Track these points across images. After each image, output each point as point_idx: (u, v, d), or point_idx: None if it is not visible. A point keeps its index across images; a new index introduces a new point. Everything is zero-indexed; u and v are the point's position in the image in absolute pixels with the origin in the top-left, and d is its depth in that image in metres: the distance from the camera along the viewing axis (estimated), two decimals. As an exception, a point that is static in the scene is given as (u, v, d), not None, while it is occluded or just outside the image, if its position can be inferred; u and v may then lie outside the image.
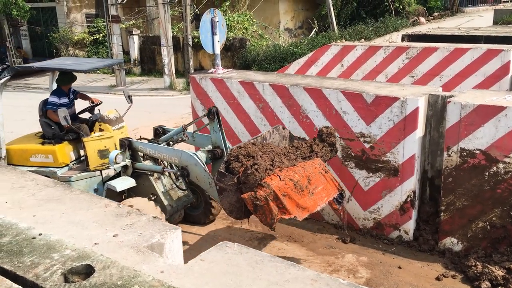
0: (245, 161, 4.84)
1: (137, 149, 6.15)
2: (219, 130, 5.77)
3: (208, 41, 7.58)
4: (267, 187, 4.55)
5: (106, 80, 20.84)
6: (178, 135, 6.19)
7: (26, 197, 3.18)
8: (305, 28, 22.70)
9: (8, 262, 2.05)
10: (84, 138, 6.52)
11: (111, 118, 6.94)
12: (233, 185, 4.76)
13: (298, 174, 4.88)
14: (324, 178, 5.17)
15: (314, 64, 10.80)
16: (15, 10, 20.55)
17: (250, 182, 4.60)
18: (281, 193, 4.59)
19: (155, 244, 2.64)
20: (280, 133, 5.63)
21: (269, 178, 4.63)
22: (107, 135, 6.65)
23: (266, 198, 4.51)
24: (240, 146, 5.09)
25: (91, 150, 6.46)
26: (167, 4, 17.44)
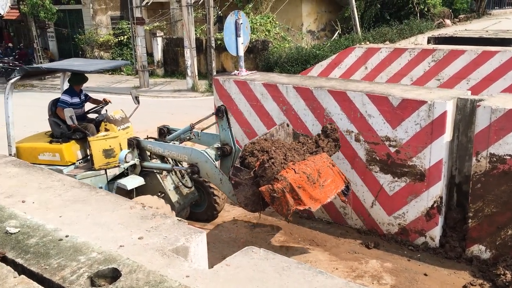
0: (260, 156, 5.01)
1: (145, 148, 6.28)
2: (228, 128, 5.90)
3: (232, 43, 7.57)
4: (284, 179, 4.77)
5: (130, 82, 21.07)
6: (186, 133, 6.32)
7: (52, 198, 3.20)
8: (328, 30, 22.57)
9: (35, 264, 2.06)
10: (90, 138, 6.68)
11: (117, 119, 7.06)
12: (249, 179, 4.96)
13: (310, 167, 5.11)
14: (332, 171, 5.40)
15: (337, 66, 10.69)
16: (42, 12, 20.94)
17: (268, 175, 4.81)
18: (296, 185, 4.81)
19: (180, 247, 2.61)
20: (285, 130, 5.84)
21: (284, 171, 4.85)
22: (112, 135, 6.81)
23: (283, 190, 4.74)
24: (253, 142, 5.27)
25: (96, 149, 6.62)
26: (190, 6, 17.53)
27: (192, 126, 6.24)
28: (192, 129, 6.24)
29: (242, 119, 7.30)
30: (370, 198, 6.27)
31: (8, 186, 3.38)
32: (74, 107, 6.91)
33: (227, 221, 6.94)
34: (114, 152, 6.71)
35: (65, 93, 7.16)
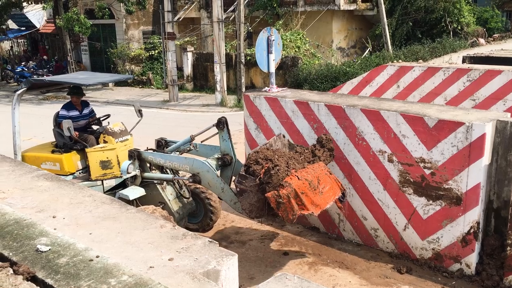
0: (264, 164, 5.20)
1: (146, 159, 6.44)
2: (228, 139, 6.12)
3: (264, 60, 7.53)
4: (289, 186, 4.97)
5: (159, 95, 21.32)
6: (185, 145, 6.55)
7: (83, 214, 3.16)
8: (358, 47, 22.43)
9: (65, 285, 2.00)
10: (87, 149, 6.98)
11: (115, 131, 7.28)
12: (254, 186, 5.15)
13: (310, 175, 5.32)
14: (329, 179, 5.61)
15: (368, 84, 10.55)
16: (77, 26, 21.46)
17: (274, 182, 5.00)
18: (300, 191, 5.02)
19: (211, 271, 2.52)
20: (282, 141, 6.06)
21: (289, 178, 5.05)
22: (109, 146, 7.04)
23: (288, 196, 4.94)
24: (256, 151, 5.45)
25: (94, 160, 6.88)
26: (221, 22, 17.69)
27: (192, 137, 6.44)
28: (192, 140, 6.46)
29: (271, 136, 7.21)
30: (403, 221, 6.07)
31: (39, 201, 3.37)
32: (73, 120, 7.20)
33: (255, 239, 6.83)
34: (111, 163, 6.94)
35: (62, 107, 7.57)
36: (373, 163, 6.21)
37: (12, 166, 4.26)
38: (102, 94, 22.37)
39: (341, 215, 6.71)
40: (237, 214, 7.64)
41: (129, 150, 6.54)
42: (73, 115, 7.46)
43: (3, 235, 2.50)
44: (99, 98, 21.05)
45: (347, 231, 6.70)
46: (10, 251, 2.32)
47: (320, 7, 20.47)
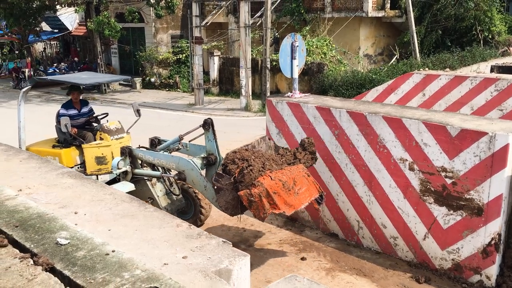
0: (240, 163, 5.42)
1: (137, 156, 6.69)
2: (214, 139, 6.32)
3: (287, 65, 7.59)
4: (260, 185, 5.16)
5: (185, 99, 21.58)
6: (174, 144, 6.78)
7: (103, 211, 3.27)
8: (385, 54, 22.25)
9: (81, 277, 2.09)
10: (84, 145, 7.42)
11: (111, 129, 7.72)
12: (229, 184, 5.36)
13: (286, 176, 5.50)
14: (307, 180, 5.76)
15: (393, 92, 10.48)
16: (107, 29, 21.95)
17: (246, 181, 5.21)
18: (272, 191, 5.19)
19: (223, 270, 2.59)
20: (267, 143, 6.29)
21: (262, 177, 5.25)
22: (104, 143, 7.48)
23: (260, 195, 5.12)
24: (235, 151, 5.67)
25: (89, 156, 7.31)
26: (248, 27, 17.83)
27: (181, 137, 6.68)
28: (181, 140, 6.70)
29: (293, 142, 7.26)
30: (423, 230, 6.02)
31: (63, 197, 3.50)
32: (72, 118, 7.75)
33: (273, 243, 6.86)
34: (106, 159, 7.33)
35: (62, 106, 8.10)
36: (393, 171, 6.18)
37: (38, 163, 4.42)
38: (130, 96, 22.78)
39: (360, 222, 6.69)
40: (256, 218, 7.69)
41: (121, 147, 6.82)
42: (72, 114, 7.94)
43: (26, 228, 2.62)
44: (127, 100, 21.44)
45: (366, 238, 6.67)
46: (32, 243, 2.43)
47: (348, 14, 20.40)
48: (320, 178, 7.02)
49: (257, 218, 5.33)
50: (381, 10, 20.76)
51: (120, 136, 7.75)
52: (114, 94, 23.72)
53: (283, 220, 7.61)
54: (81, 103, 8.21)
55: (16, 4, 22.63)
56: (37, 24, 27.54)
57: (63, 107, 8.05)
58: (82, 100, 8.33)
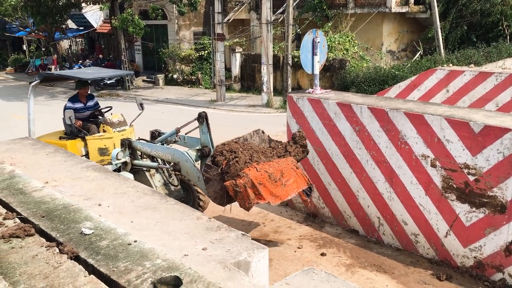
0: (228, 155, 5.61)
1: (136, 148, 6.98)
2: (207, 132, 6.48)
3: (308, 61, 7.58)
4: (245, 176, 5.37)
5: (207, 95, 21.73)
6: (172, 137, 7.01)
7: (126, 203, 3.35)
8: (409, 50, 21.97)
9: (105, 265, 2.16)
10: (87, 137, 7.82)
11: (114, 122, 8.06)
12: (217, 175, 5.56)
13: (273, 167, 5.69)
14: (295, 172, 5.94)
15: (416, 88, 10.38)
16: (131, 27, 22.22)
17: (231, 172, 5.42)
18: (257, 181, 5.39)
19: (241, 261, 2.63)
20: (260, 136, 6.47)
21: (247, 169, 5.46)
22: (107, 135, 7.85)
23: (245, 186, 5.33)
24: (224, 143, 5.84)
25: (92, 147, 7.69)
26: (270, 24, 17.83)
27: (178, 130, 6.92)
28: (178, 132, 6.93)
29: (313, 138, 7.27)
30: (444, 227, 5.96)
31: (87, 189, 3.60)
32: (77, 111, 8.19)
33: (293, 239, 6.89)
34: (108, 151, 7.63)
35: (68, 99, 8.50)
36: (415, 168, 6.13)
37: (64, 157, 4.54)
38: (153, 93, 23.04)
39: (381, 219, 6.66)
40: (276, 214, 7.73)
41: (121, 139, 7.14)
42: (78, 107, 8.33)
43: (52, 218, 2.71)
44: (149, 97, 21.70)
45: (386, 235, 6.65)
46: (57, 233, 2.52)
47: (371, 9, 20.21)
48: (340, 174, 7.02)
49: (243, 208, 5.49)
50: (404, 5, 20.50)
51: (122, 128, 8.08)
52: (137, 91, 24.02)
53: (303, 216, 7.64)
54: (87, 97, 8.58)
55: (43, 2, 23.08)
56: (63, 22, 28.04)
57: (69, 101, 8.43)
58: (89, 94, 8.70)
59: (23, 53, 36.16)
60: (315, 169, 7.40)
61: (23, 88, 24.07)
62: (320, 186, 7.37)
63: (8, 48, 38.56)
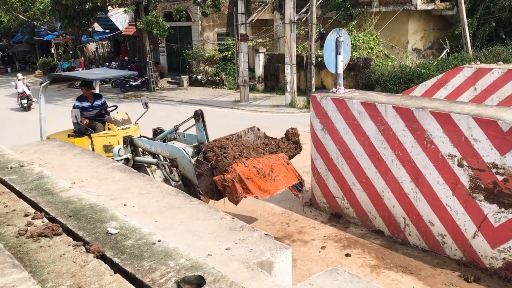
0: (218, 151, 5.80)
1: (137, 145, 7.27)
2: (203, 129, 6.79)
3: (331, 61, 7.54)
4: (233, 171, 5.57)
5: (231, 96, 21.81)
6: (171, 134, 7.39)
7: (150, 203, 3.40)
8: (435, 48, 21.61)
9: (130, 264, 2.19)
10: (93, 134, 8.21)
11: (118, 120, 8.46)
12: (207, 170, 5.77)
13: (262, 163, 5.87)
14: (285, 168, 6.10)
15: (443, 86, 10.19)
16: (156, 29, 22.48)
17: (220, 167, 5.63)
18: (245, 176, 5.56)
19: (265, 261, 2.64)
20: (255, 133, 6.68)
21: (235, 164, 5.64)
22: (111, 133, 8.25)
23: (233, 180, 5.52)
24: (216, 140, 6.07)
25: (97, 144, 8.04)
26: (293, 23, 17.79)
27: (176, 127, 7.25)
28: (177, 130, 7.30)
29: (337, 137, 7.22)
30: (472, 228, 5.85)
31: (113, 190, 3.66)
32: (85, 110, 8.65)
33: (317, 239, 6.86)
34: (113, 147, 7.87)
35: (77, 99, 8.93)
36: (441, 167, 6.03)
37: (91, 158, 4.63)
38: (177, 94, 23.26)
39: (407, 219, 6.58)
40: (300, 214, 7.71)
41: (123, 136, 7.43)
42: (85, 106, 8.76)
43: (79, 218, 2.77)
44: (174, 98, 21.91)
45: (412, 236, 6.55)
46: (84, 232, 2.57)
47: (396, 7, 19.95)
48: (365, 174, 6.96)
49: (231, 202, 5.67)
50: (431, 2, 20.17)
51: (126, 126, 8.44)
52: (162, 92, 24.29)
53: (327, 216, 7.60)
54: (94, 97, 8.99)
55: (70, 6, 23.56)
56: (90, 25, 28.57)
57: (77, 100, 8.85)
58: (95, 93, 9.14)
59: (51, 56, 36.99)
60: (339, 169, 7.35)
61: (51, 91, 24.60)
62: (345, 186, 7.32)
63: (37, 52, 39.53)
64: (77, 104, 8.76)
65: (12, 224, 2.76)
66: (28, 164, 3.92)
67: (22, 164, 3.88)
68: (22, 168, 3.78)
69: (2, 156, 4.16)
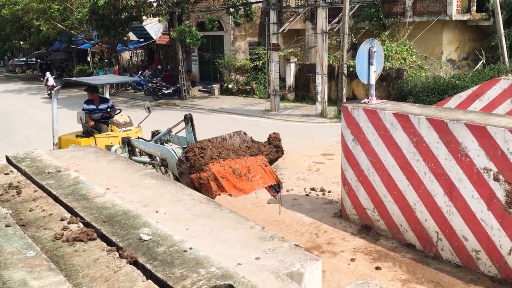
0: (197, 151, 6.14)
1: (134, 145, 7.82)
2: (192, 132, 7.25)
3: (364, 71, 7.49)
4: (208, 170, 5.91)
5: (261, 105, 21.88)
6: (165, 136, 7.84)
7: (182, 211, 3.43)
8: (470, 59, 21.17)
9: (161, 271, 2.22)
10: (96, 135, 8.90)
11: (120, 122, 9.20)
12: (187, 168, 6.11)
13: (239, 164, 6.17)
14: (263, 170, 6.37)
15: (478, 98, 9.96)
16: (189, 38, 22.81)
17: (196, 166, 5.99)
18: (220, 175, 5.88)
19: (294, 272, 2.62)
20: (242, 137, 7.01)
21: (211, 164, 5.98)
22: (113, 134, 8.89)
23: (208, 178, 5.85)
24: (198, 141, 6.49)
25: (100, 144, 8.45)
26: (325, 33, 17.76)
27: (170, 130, 7.71)
28: (170, 132, 7.77)
29: (369, 148, 7.15)
30: (508, 244, 5.67)
31: (145, 196, 3.72)
32: (92, 112, 9.48)
33: (347, 251, 6.78)
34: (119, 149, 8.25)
35: (84, 103, 9.74)
36: (476, 181, 5.89)
37: (124, 164, 4.72)
38: (208, 102, 23.50)
39: (439, 234, 6.43)
40: (330, 225, 7.65)
41: (122, 137, 8.03)
42: (91, 109, 9.57)
43: (112, 223, 2.82)
44: (205, 106, 22.15)
45: (445, 250, 6.40)
46: (118, 238, 2.62)
47: (430, 18, 19.67)
48: (396, 186, 6.85)
49: None
50: (466, 13, 19.82)
51: (128, 128, 9.12)
52: (194, 100, 24.59)
53: (357, 228, 7.50)
54: (101, 100, 9.76)
55: (106, 16, 24.18)
56: (125, 34, 29.25)
57: (85, 103, 9.67)
58: (102, 97, 9.95)
59: (87, 64, 37.97)
60: (370, 181, 7.27)
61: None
62: (375, 198, 7.23)
63: (73, 60, 40.67)
64: (85, 107, 9.55)
65: (49, 228, 2.84)
66: (64, 169, 4.03)
67: (59, 169, 4.00)
68: (59, 174, 3.88)
69: (40, 162, 4.29)
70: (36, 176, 3.86)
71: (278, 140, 7.05)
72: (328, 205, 8.58)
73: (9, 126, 18.77)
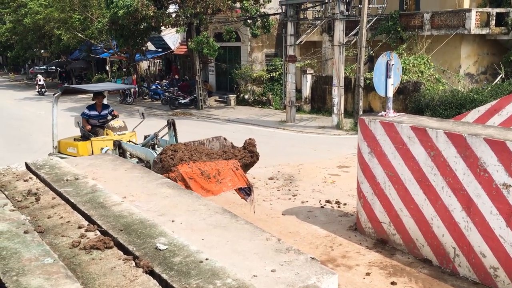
0: (169, 153, 6.49)
1: (124, 148, 8.33)
2: (174, 136, 7.80)
3: (381, 84, 7.46)
4: (176, 171, 6.27)
5: (277, 116, 21.90)
6: (153, 140, 8.43)
7: (198, 221, 3.44)
8: (489, 74, 20.96)
9: (177, 281, 2.22)
10: (92, 138, 9.37)
11: (115, 126, 9.67)
12: (159, 169, 6.36)
13: (209, 166, 6.48)
14: (233, 173, 6.67)
15: (497, 113, 9.84)
16: (206, 48, 22.99)
17: (165, 167, 6.36)
18: (187, 176, 6.20)
19: (310, 286, 2.60)
20: (221, 142, 7.41)
21: (180, 165, 6.31)
22: (108, 138, 9.35)
23: (176, 179, 6.09)
24: (172, 144, 6.93)
25: (96, 147, 9.11)
26: (342, 45, 17.76)
27: (156, 134, 8.34)
28: (157, 137, 8.39)
29: (385, 162, 7.09)
30: (528, 262, 5.56)
31: (161, 205, 3.73)
32: (93, 118, 9.95)
33: (362, 265, 6.71)
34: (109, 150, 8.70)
35: (86, 107, 10.20)
36: (495, 197, 5.79)
37: (141, 173, 4.75)
38: (224, 112, 23.60)
39: (457, 249, 6.33)
40: (345, 238, 7.58)
41: (114, 140, 8.54)
42: (93, 114, 10.01)
43: (129, 232, 2.84)
44: (221, 116, 22.23)
45: (462, 267, 6.29)
46: (134, 247, 2.63)
47: (448, 31, 19.56)
48: (413, 200, 6.78)
49: None
50: (485, 27, 19.66)
51: (122, 132, 9.58)
52: (210, 110, 24.71)
53: (372, 242, 7.42)
54: (103, 107, 10.18)
55: (126, 26, 24.53)
56: (144, 44, 29.59)
57: (87, 108, 10.09)
58: (104, 104, 10.30)
59: (106, 73, 38.45)
60: (386, 194, 7.20)
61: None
62: (391, 211, 7.15)
63: (92, 69, 41.22)
64: (86, 112, 10.01)
65: (67, 236, 2.87)
66: (82, 177, 4.08)
67: (77, 177, 4.04)
68: (77, 181, 3.93)
69: (59, 169, 4.34)
70: (55, 183, 3.90)
71: (253, 146, 7.35)
72: (343, 217, 8.51)
73: (28, 133, 19.06)
